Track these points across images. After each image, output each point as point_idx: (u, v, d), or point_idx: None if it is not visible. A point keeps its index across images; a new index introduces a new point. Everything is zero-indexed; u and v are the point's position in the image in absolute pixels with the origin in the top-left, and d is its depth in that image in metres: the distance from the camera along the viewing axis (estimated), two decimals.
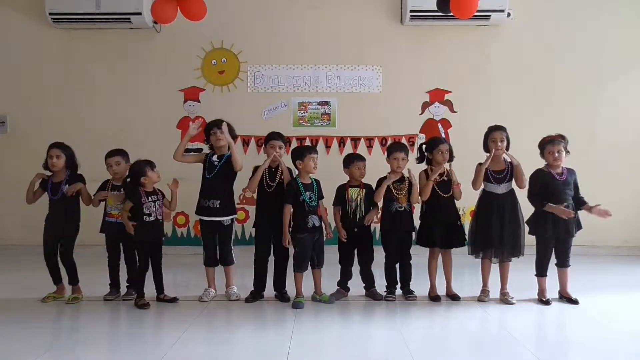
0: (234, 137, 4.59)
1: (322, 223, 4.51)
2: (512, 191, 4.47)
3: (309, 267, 4.49)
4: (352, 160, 4.55)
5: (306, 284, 4.51)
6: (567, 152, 4.43)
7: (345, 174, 4.59)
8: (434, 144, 4.57)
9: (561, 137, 4.44)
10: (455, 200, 4.56)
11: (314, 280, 4.51)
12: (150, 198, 4.37)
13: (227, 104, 6.68)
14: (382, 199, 4.48)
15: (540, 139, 4.52)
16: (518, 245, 4.44)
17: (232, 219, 4.58)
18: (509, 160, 4.46)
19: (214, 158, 4.51)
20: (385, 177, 4.52)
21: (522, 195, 4.50)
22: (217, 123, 4.52)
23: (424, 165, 4.64)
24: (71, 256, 4.51)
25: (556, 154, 4.37)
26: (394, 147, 4.61)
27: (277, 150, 4.47)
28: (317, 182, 4.53)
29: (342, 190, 4.54)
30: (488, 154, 4.46)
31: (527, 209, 4.50)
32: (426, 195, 4.48)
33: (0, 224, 6.70)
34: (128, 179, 4.43)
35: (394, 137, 6.45)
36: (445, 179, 4.50)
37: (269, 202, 4.48)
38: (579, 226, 4.43)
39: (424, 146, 4.67)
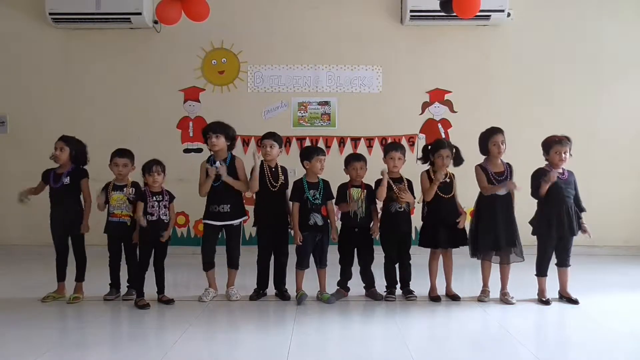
0: (233, 137, 4.58)
1: (329, 223, 4.53)
2: (509, 193, 4.48)
3: (315, 267, 4.53)
4: (348, 161, 4.57)
5: (312, 284, 4.52)
6: (570, 154, 4.43)
7: (346, 174, 4.60)
8: (436, 148, 4.55)
9: (567, 139, 4.44)
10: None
11: (319, 280, 4.53)
12: (154, 198, 4.37)
13: (227, 104, 6.69)
14: (384, 195, 4.46)
15: (541, 139, 4.52)
16: (520, 247, 4.45)
17: (240, 221, 4.59)
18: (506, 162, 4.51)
19: (217, 165, 4.50)
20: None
21: (521, 195, 4.49)
22: (212, 127, 4.51)
23: (425, 166, 4.64)
24: (83, 250, 4.54)
25: (563, 155, 4.37)
26: (390, 147, 4.63)
27: (267, 150, 4.49)
28: (325, 182, 4.55)
29: (343, 189, 4.54)
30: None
31: (526, 209, 4.50)
32: (429, 198, 4.48)
33: (0, 224, 6.70)
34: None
35: (394, 137, 6.45)
36: (447, 180, 4.50)
37: (270, 202, 4.51)
38: (580, 226, 4.44)
39: (428, 147, 4.65)
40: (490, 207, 4.44)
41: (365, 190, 4.52)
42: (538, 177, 4.43)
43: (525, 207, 4.50)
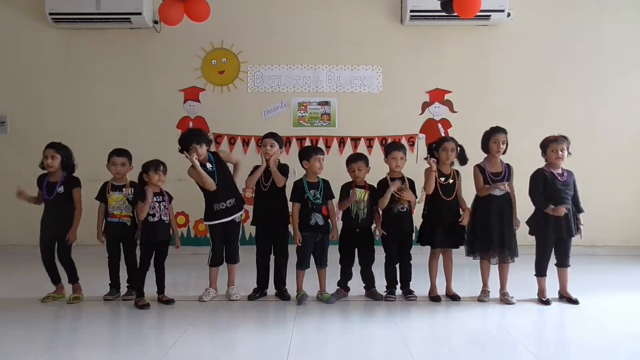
0: (211, 141, 4.66)
1: (329, 222, 4.52)
2: (508, 193, 4.47)
3: (315, 267, 4.53)
4: (348, 162, 4.58)
5: (312, 284, 4.52)
6: (569, 153, 4.43)
7: (348, 172, 4.60)
8: (441, 142, 4.57)
9: (564, 138, 4.45)
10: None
11: (319, 280, 4.53)
12: (155, 198, 4.37)
13: (227, 104, 6.69)
14: (385, 205, 4.47)
15: (541, 139, 4.52)
16: (514, 247, 4.45)
17: (241, 214, 4.62)
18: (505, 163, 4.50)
19: (208, 166, 4.48)
20: (385, 179, 4.54)
21: (521, 195, 4.50)
22: (193, 137, 4.43)
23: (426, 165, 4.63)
24: (69, 255, 4.52)
25: (559, 153, 4.37)
26: (392, 147, 4.62)
27: (267, 149, 4.50)
28: (326, 182, 4.55)
29: (347, 189, 4.53)
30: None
31: (526, 209, 4.50)
32: (430, 190, 4.46)
33: (0, 224, 6.70)
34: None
35: (394, 137, 6.45)
36: (451, 181, 4.50)
37: (265, 202, 4.53)
38: (578, 227, 4.43)
39: (433, 145, 4.64)
40: (486, 207, 4.44)
41: (368, 191, 4.52)
42: (537, 178, 4.44)
43: (525, 207, 4.49)
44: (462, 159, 4.55)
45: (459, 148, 4.54)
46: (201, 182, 4.42)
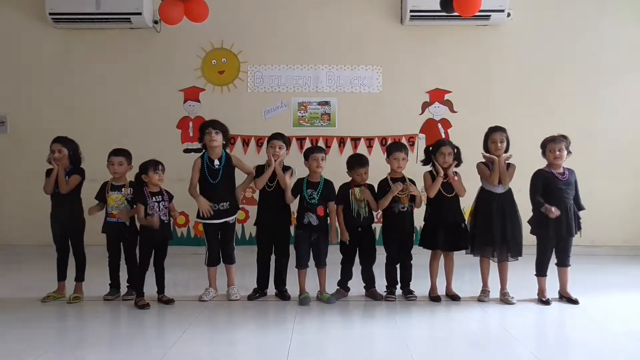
0: (229, 137, 4.64)
1: (327, 224, 4.50)
2: (510, 191, 4.47)
3: (315, 268, 4.53)
4: (352, 166, 4.54)
5: (312, 284, 4.53)
6: (569, 152, 4.43)
7: (349, 176, 4.59)
8: (437, 146, 4.56)
9: (563, 137, 4.44)
10: (460, 198, 4.55)
11: (318, 280, 4.53)
12: (154, 198, 4.37)
13: (227, 104, 6.69)
14: (385, 206, 4.47)
15: (541, 139, 4.52)
16: (518, 245, 4.44)
17: (236, 217, 4.63)
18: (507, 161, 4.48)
19: (216, 163, 4.50)
20: (385, 179, 4.53)
21: (521, 195, 4.50)
22: (212, 123, 4.55)
23: (427, 168, 4.63)
24: (82, 250, 4.56)
25: (557, 152, 4.37)
26: (394, 147, 4.61)
27: (276, 151, 4.49)
28: (327, 182, 4.53)
29: (345, 189, 4.53)
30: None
31: (527, 209, 4.50)
32: (433, 194, 4.47)
33: (0, 224, 6.70)
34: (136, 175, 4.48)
35: (394, 137, 6.45)
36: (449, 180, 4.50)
37: (269, 201, 4.54)
38: (579, 226, 4.43)
39: (430, 148, 4.64)
40: (487, 205, 4.44)
41: (368, 190, 4.51)
42: (536, 179, 4.43)
43: (527, 207, 4.49)
44: (457, 160, 4.54)
45: (455, 150, 4.55)
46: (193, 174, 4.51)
